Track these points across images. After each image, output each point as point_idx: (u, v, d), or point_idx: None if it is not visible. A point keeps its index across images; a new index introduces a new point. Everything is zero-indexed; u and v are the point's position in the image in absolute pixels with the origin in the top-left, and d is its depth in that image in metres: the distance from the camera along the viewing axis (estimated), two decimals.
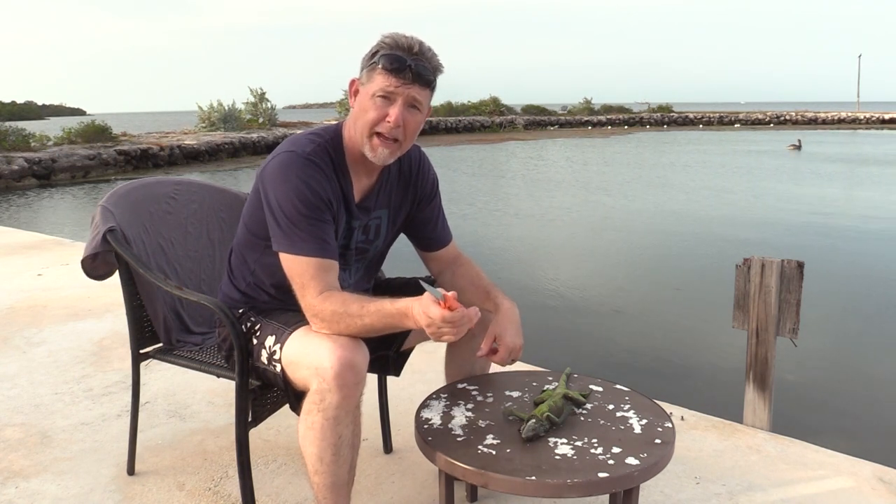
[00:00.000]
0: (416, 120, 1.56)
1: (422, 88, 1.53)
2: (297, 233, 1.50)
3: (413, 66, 1.50)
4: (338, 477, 1.51)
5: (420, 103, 1.55)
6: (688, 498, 1.98)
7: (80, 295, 4.10)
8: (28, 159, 16.74)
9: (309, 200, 1.51)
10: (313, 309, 1.49)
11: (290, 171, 1.52)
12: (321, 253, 1.51)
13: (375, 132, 1.54)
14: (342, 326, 1.47)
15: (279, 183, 1.52)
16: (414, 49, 1.51)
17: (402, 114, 1.52)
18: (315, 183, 1.52)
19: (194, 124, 27.15)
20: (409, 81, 1.50)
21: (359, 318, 1.45)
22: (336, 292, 1.50)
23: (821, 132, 40.04)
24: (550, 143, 29.76)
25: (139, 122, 47.91)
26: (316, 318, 1.50)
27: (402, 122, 1.53)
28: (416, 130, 1.58)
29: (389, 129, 1.52)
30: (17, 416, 2.52)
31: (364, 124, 1.54)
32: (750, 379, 2.52)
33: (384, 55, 1.50)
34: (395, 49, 1.50)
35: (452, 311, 1.36)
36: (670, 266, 7.50)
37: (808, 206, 11.72)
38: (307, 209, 1.51)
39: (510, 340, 1.67)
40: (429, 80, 1.54)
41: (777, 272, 2.39)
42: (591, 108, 49.34)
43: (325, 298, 1.48)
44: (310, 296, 1.49)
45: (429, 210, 1.80)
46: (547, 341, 4.89)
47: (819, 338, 4.86)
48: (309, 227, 1.51)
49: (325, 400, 1.44)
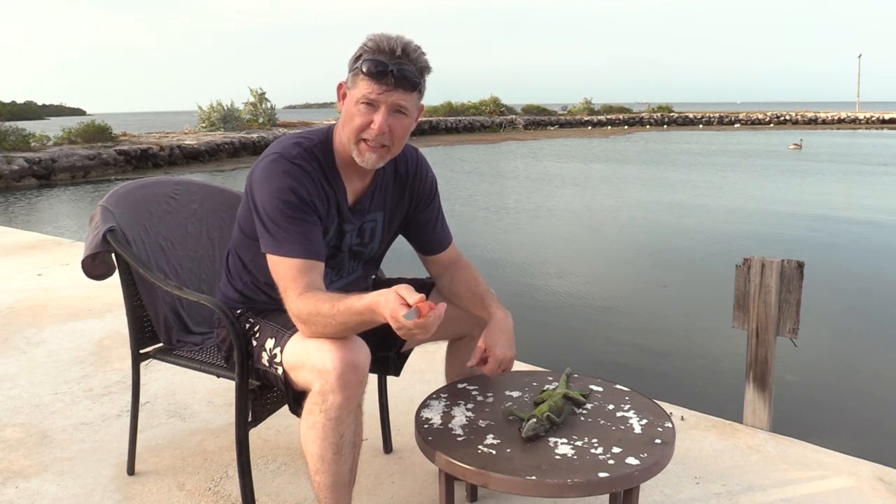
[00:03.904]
0: (402, 125, 1.53)
1: (406, 93, 1.50)
2: (280, 234, 1.50)
3: (396, 72, 1.46)
4: (339, 476, 1.51)
5: (405, 108, 1.51)
6: (688, 498, 1.98)
7: (80, 295, 4.10)
8: (28, 159, 16.75)
9: (292, 202, 1.50)
10: (293, 311, 1.48)
11: (274, 174, 1.52)
12: (303, 253, 1.50)
13: (362, 138, 1.52)
14: (319, 328, 1.45)
15: (264, 185, 1.52)
16: (396, 52, 1.46)
17: (386, 121, 1.49)
18: (299, 185, 1.52)
19: (194, 124, 27.16)
20: (392, 87, 1.47)
21: (331, 317, 1.43)
22: (313, 293, 1.48)
23: (821, 132, 40.06)
24: (549, 144, 29.76)
25: (139, 122, 47.95)
26: (297, 321, 1.49)
27: (388, 129, 1.50)
28: (404, 134, 1.56)
29: (374, 136, 1.50)
30: (17, 416, 2.52)
31: (350, 131, 1.52)
32: (750, 379, 2.52)
33: (366, 60, 1.46)
34: (377, 53, 1.47)
35: (424, 318, 1.30)
36: (670, 266, 7.50)
37: (808, 206, 11.72)
38: (290, 210, 1.50)
39: (500, 352, 1.65)
40: (414, 84, 1.50)
41: (777, 272, 2.39)
42: (591, 108, 49.35)
43: (304, 300, 1.47)
44: (291, 298, 1.49)
45: (427, 212, 1.79)
46: (547, 341, 4.90)
47: (819, 338, 4.86)
48: (292, 228, 1.50)
49: (328, 400, 1.44)
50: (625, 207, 11.68)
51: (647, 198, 12.81)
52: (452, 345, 1.91)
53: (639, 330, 5.25)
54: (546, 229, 9.89)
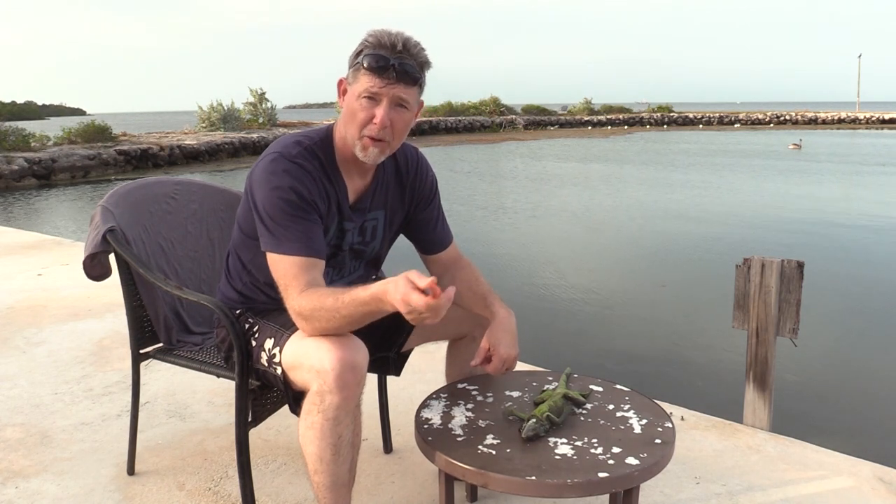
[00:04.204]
0: (403, 119, 1.54)
1: (407, 87, 1.51)
2: (280, 232, 1.50)
3: (397, 66, 1.47)
4: (338, 477, 1.51)
5: (407, 102, 1.53)
6: (688, 498, 1.98)
7: (80, 295, 4.10)
8: (28, 159, 16.75)
9: (292, 201, 1.50)
10: (295, 308, 1.48)
11: (275, 173, 1.52)
12: (304, 251, 1.50)
13: (364, 134, 1.53)
14: (323, 323, 1.45)
15: (264, 184, 1.52)
16: (397, 47, 1.48)
17: (387, 114, 1.50)
18: (299, 184, 1.52)
19: (194, 124, 27.16)
20: (394, 81, 1.48)
21: (335, 311, 1.42)
22: (314, 288, 1.48)
23: (821, 132, 40.06)
24: (549, 144, 29.76)
25: (139, 122, 47.95)
26: (299, 318, 1.48)
27: (390, 123, 1.51)
28: (405, 129, 1.57)
29: (376, 130, 1.51)
30: (17, 416, 2.52)
31: (353, 126, 1.53)
32: (750, 379, 2.52)
33: (367, 55, 1.48)
34: (378, 48, 1.48)
35: (437, 299, 1.30)
36: (670, 265, 7.50)
37: (807, 206, 11.72)
38: (291, 208, 1.50)
39: (504, 351, 1.66)
40: (415, 78, 1.52)
41: (777, 272, 2.39)
42: (591, 108, 49.35)
43: (306, 296, 1.46)
44: (292, 295, 1.48)
45: (428, 212, 1.79)
46: (547, 341, 4.90)
47: (819, 338, 4.86)
48: (292, 226, 1.50)
49: (326, 400, 1.43)
50: (624, 207, 11.68)
51: (646, 197, 12.81)
52: (452, 345, 1.91)
53: (639, 330, 5.25)
54: (544, 229, 9.89)
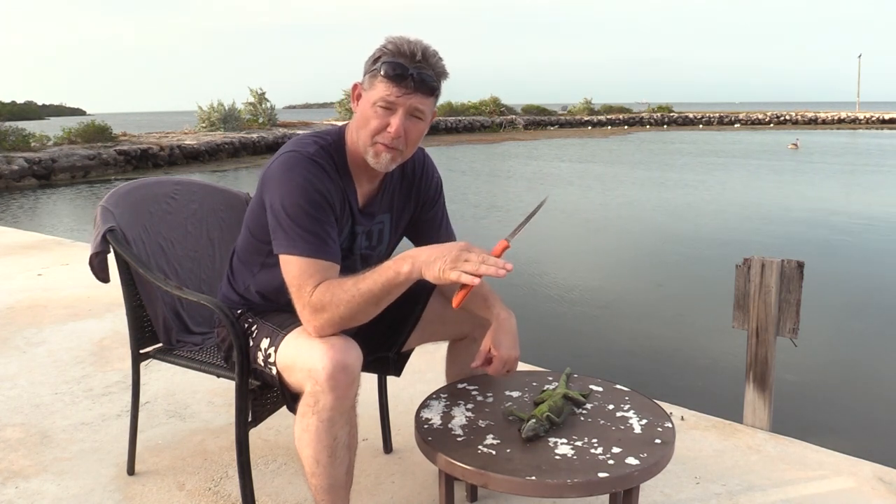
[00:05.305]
0: (418, 129, 1.53)
1: (424, 97, 1.49)
2: (298, 231, 1.47)
3: (415, 75, 1.45)
4: (335, 479, 1.51)
5: (422, 112, 1.51)
6: (688, 498, 1.98)
7: (80, 295, 4.10)
8: (28, 159, 16.74)
9: (313, 199, 1.48)
10: (311, 303, 1.44)
11: (294, 170, 1.49)
12: (322, 254, 1.47)
13: (377, 141, 1.51)
14: (341, 308, 1.42)
15: (282, 182, 1.49)
16: (416, 56, 1.46)
17: (402, 124, 1.48)
18: (318, 182, 1.49)
19: (194, 124, 27.15)
20: (411, 90, 1.46)
21: (354, 287, 1.41)
22: (330, 280, 1.46)
23: (821, 132, 40.05)
24: (548, 144, 29.75)
25: (139, 122, 47.91)
26: (312, 311, 1.44)
27: (404, 132, 1.49)
28: (418, 139, 1.55)
29: (390, 139, 1.49)
30: (17, 416, 2.52)
31: (365, 133, 1.51)
32: (750, 379, 2.52)
33: (385, 62, 1.45)
34: (396, 56, 1.46)
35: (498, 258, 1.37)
36: (670, 265, 7.50)
37: (806, 205, 11.72)
38: (310, 207, 1.47)
39: (505, 352, 1.65)
40: (432, 88, 1.50)
41: (777, 272, 2.39)
42: (591, 108, 49.33)
43: (320, 289, 1.44)
44: (306, 293, 1.44)
45: (432, 213, 1.78)
46: (547, 341, 4.90)
47: (819, 338, 4.86)
48: (311, 226, 1.47)
49: (319, 402, 1.42)
50: (622, 207, 11.68)
51: (646, 197, 12.81)
52: (452, 345, 1.91)
53: (638, 330, 5.25)
54: (542, 229, 9.88)
